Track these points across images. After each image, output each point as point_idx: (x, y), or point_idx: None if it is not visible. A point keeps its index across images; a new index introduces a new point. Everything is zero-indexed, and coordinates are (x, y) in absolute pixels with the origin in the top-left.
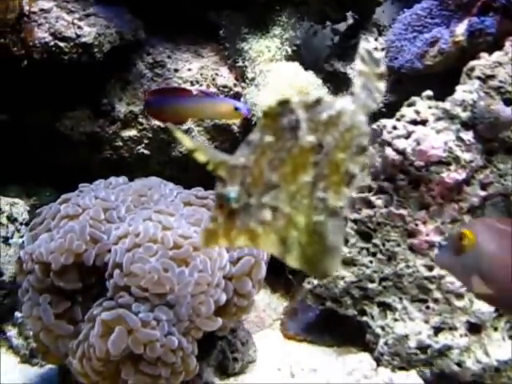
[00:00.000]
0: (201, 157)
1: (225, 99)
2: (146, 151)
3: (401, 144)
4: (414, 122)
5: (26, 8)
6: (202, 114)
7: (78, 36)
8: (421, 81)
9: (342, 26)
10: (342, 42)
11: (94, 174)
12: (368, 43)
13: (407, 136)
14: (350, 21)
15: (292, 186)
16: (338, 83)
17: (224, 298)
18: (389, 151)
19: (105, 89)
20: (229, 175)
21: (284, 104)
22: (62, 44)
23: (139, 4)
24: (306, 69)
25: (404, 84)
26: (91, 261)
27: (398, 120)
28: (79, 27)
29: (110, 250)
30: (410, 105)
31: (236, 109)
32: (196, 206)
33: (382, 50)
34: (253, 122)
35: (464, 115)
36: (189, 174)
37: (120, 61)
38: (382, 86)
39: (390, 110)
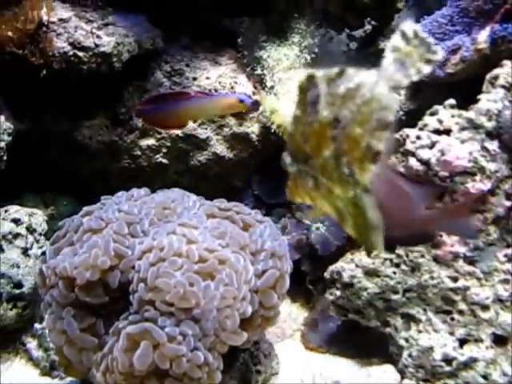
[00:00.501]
0: (277, 119)
1: (227, 94)
2: (164, 160)
3: (425, 154)
4: (438, 132)
5: (45, 18)
6: (207, 114)
7: (97, 45)
8: (441, 88)
9: (358, 33)
10: (360, 49)
11: (112, 183)
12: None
13: (431, 146)
14: (368, 27)
15: (319, 158)
16: None
17: (250, 310)
18: (413, 161)
19: (123, 98)
20: (287, 142)
21: (310, 78)
22: (80, 54)
23: (157, 12)
24: None
25: (424, 91)
26: (117, 281)
27: (421, 129)
28: (98, 36)
29: (134, 266)
30: (432, 114)
31: (241, 101)
32: (219, 219)
33: None
34: (272, 131)
35: (489, 125)
36: (207, 182)
37: (138, 69)
38: (426, 68)
39: (410, 118)
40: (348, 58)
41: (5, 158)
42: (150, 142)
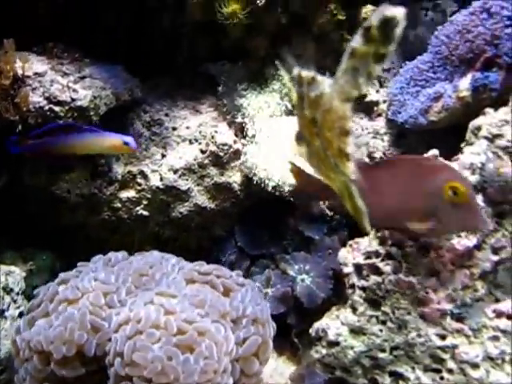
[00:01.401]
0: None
1: (112, 134)
2: (144, 212)
3: None
4: None
5: (20, 72)
6: (90, 150)
7: (73, 100)
8: (425, 135)
9: None
10: None
11: (92, 236)
12: (391, 9)
13: None
14: None
15: (312, 146)
16: None
17: (231, 382)
18: None
19: None
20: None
21: (299, 76)
22: (56, 108)
23: (135, 60)
24: None
25: (408, 138)
26: (92, 351)
27: None
28: (74, 90)
29: (111, 339)
30: None
31: (125, 143)
32: (199, 284)
33: (384, 102)
34: (254, 182)
35: (473, 179)
36: (189, 233)
37: (116, 120)
38: (377, 69)
39: None
40: None
41: None
42: (130, 193)
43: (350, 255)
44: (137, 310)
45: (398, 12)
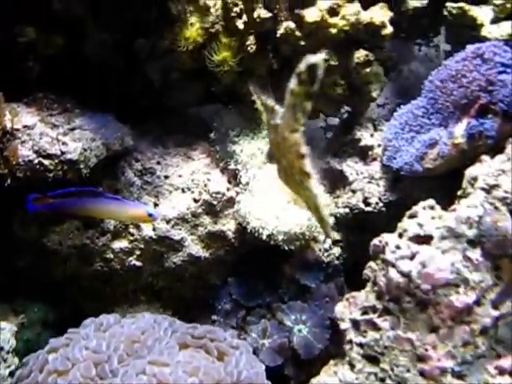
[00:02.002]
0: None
1: (137, 204)
2: (137, 263)
3: (405, 267)
4: (418, 238)
5: (9, 125)
6: (111, 217)
7: (63, 153)
8: (421, 180)
9: (335, 121)
10: (337, 138)
11: (84, 286)
12: (313, 57)
13: (412, 257)
14: (345, 115)
15: (281, 165)
16: (335, 181)
17: None
18: (393, 273)
19: None
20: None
21: (265, 105)
22: (46, 162)
23: (124, 104)
24: None
25: (404, 183)
26: None
27: (401, 236)
28: (64, 143)
29: None
30: (411, 216)
31: (149, 215)
32: (192, 349)
33: (379, 146)
34: (248, 230)
35: (470, 233)
36: (183, 283)
37: (107, 169)
38: (309, 106)
39: (389, 209)
40: (326, 145)
41: None
42: (123, 244)
43: (346, 310)
44: (129, 382)
45: (319, 58)
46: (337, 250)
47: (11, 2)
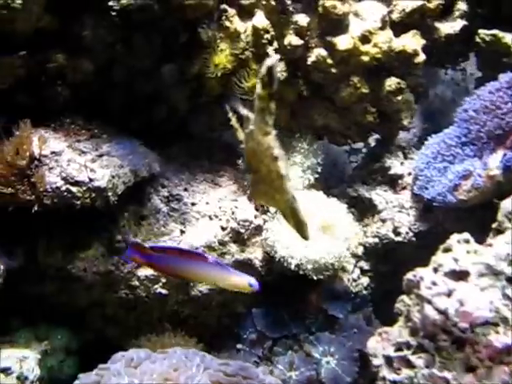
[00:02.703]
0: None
1: (239, 273)
2: (163, 291)
3: (442, 304)
4: (454, 274)
5: (37, 152)
6: (211, 282)
7: (91, 180)
8: (453, 210)
9: (359, 145)
10: (366, 165)
11: (108, 313)
12: (269, 59)
13: (449, 294)
14: (373, 143)
15: (259, 173)
16: (363, 209)
17: None
18: (429, 310)
19: (118, 224)
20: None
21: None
22: (74, 189)
23: (150, 131)
24: (328, 195)
25: (435, 213)
26: None
27: (436, 270)
28: (92, 170)
29: None
30: (446, 250)
31: (250, 285)
32: None
33: (409, 174)
34: (276, 260)
35: (509, 270)
36: (209, 311)
37: (134, 195)
38: (273, 107)
39: (419, 239)
40: (354, 173)
41: None
42: (149, 272)
43: (379, 345)
44: None
45: (274, 60)
46: (365, 280)
47: (42, 29)
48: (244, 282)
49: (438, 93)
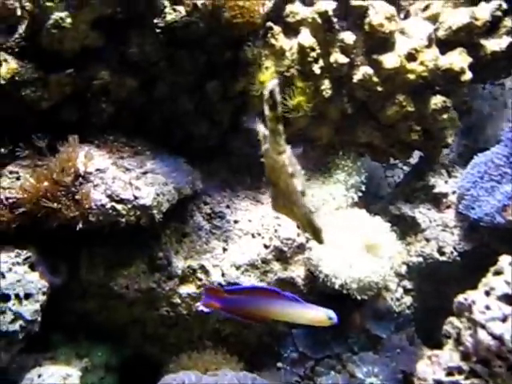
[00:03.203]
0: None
1: (317, 308)
2: (205, 308)
3: (497, 329)
4: (507, 298)
5: (82, 169)
6: (289, 318)
7: (136, 198)
8: (499, 231)
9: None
10: (408, 183)
11: (149, 331)
12: (270, 84)
13: (503, 319)
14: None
15: (278, 187)
16: (406, 227)
17: None
18: (483, 334)
19: (160, 241)
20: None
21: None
22: (119, 206)
23: (191, 147)
24: (370, 213)
25: (481, 232)
26: None
27: (488, 294)
28: (137, 188)
29: None
30: (497, 273)
31: (329, 318)
32: None
33: (453, 193)
34: (320, 280)
35: None
36: (250, 329)
37: (176, 212)
38: (281, 128)
39: (463, 259)
40: (394, 191)
41: (39, 319)
42: (191, 289)
43: (429, 369)
44: None
45: (273, 84)
46: (408, 300)
47: (88, 46)
48: (323, 315)
49: (476, 108)
